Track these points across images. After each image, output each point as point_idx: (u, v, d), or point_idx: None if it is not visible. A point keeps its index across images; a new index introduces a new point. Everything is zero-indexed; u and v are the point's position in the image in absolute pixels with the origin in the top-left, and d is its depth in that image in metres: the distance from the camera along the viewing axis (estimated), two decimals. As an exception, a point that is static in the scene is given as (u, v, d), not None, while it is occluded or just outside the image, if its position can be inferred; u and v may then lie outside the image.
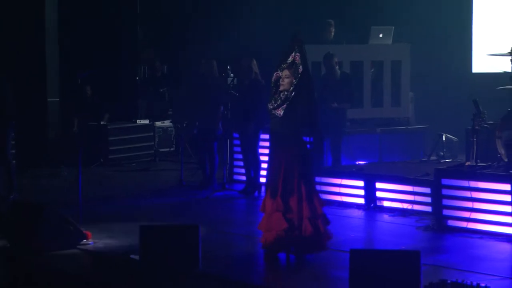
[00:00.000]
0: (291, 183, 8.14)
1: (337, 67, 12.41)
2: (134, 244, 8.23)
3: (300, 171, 8.18)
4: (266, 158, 8.96)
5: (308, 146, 8.31)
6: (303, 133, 8.34)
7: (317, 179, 11.75)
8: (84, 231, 9.07)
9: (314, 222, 8.21)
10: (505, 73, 10.73)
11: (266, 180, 8.45)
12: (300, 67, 8.18)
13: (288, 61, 8.23)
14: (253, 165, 12.27)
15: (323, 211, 8.34)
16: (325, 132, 12.18)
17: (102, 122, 16.05)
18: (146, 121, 16.66)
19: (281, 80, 8.20)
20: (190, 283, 7.52)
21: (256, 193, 12.15)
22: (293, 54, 8.23)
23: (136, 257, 7.86)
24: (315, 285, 7.37)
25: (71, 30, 16.68)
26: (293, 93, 8.16)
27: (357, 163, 12.69)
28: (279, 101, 8.21)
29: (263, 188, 10.52)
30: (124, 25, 17.52)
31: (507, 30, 14.69)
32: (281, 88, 8.20)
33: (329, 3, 15.77)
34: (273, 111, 8.24)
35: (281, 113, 8.19)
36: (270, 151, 8.51)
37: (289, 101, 8.16)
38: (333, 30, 13.90)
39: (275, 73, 8.28)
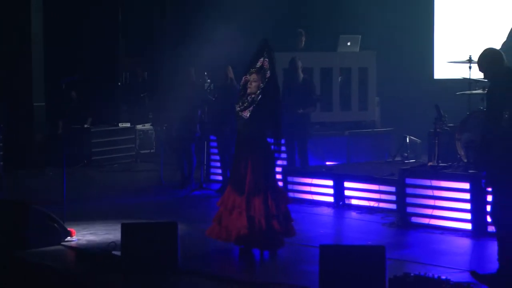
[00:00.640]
0: (257, 182, 8.11)
1: (300, 71, 12.37)
2: (116, 240, 8.19)
3: (265, 171, 8.17)
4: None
5: (272, 147, 8.31)
6: (268, 135, 8.32)
7: (290, 178, 11.86)
8: (68, 229, 9.03)
9: (278, 219, 8.18)
10: (464, 79, 10.78)
11: (231, 178, 8.43)
12: (268, 72, 8.16)
13: (257, 66, 8.21)
14: (229, 166, 12.24)
15: (287, 209, 8.32)
16: (292, 135, 12.25)
17: (85, 125, 16.01)
18: (128, 124, 16.62)
19: (249, 83, 8.19)
20: (169, 278, 7.50)
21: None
22: (262, 59, 8.22)
23: (118, 253, 7.81)
24: (287, 279, 7.36)
25: (56, 38, 16.60)
26: (260, 96, 8.14)
27: (326, 163, 12.71)
28: (246, 103, 8.19)
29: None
30: (106, 33, 17.48)
31: (466, 40, 14.76)
32: (249, 91, 8.18)
33: (300, 13, 15.79)
34: (240, 113, 8.22)
35: (248, 115, 8.17)
36: (236, 151, 8.48)
37: (256, 104, 8.14)
38: (304, 39, 13.91)
39: (244, 77, 8.27)
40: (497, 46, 14.06)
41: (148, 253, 7.58)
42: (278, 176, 12.13)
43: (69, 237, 8.96)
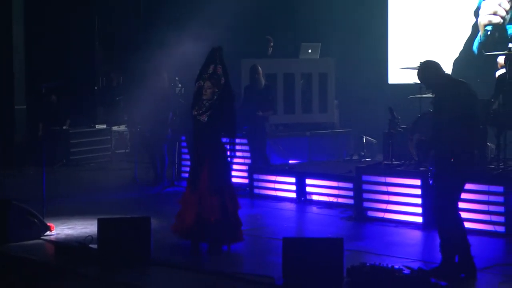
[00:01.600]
0: (212, 182, 8.07)
1: (262, 77, 12.39)
2: (92, 234, 8.12)
3: (220, 172, 8.14)
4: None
5: (226, 146, 8.28)
6: (223, 137, 8.29)
7: (255, 176, 11.85)
8: (48, 224, 8.95)
9: (232, 216, 8.15)
10: (415, 83, 10.83)
11: (189, 178, 8.40)
12: (222, 78, 8.11)
13: (208, 72, 8.17)
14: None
15: (237, 212, 8.26)
16: (253, 136, 12.27)
17: (64, 127, 15.89)
18: (104, 126, 16.53)
19: (204, 90, 8.13)
20: (142, 269, 7.45)
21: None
22: (213, 65, 8.17)
23: (95, 246, 7.76)
24: (253, 269, 7.35)
25: (36, 44, 16.45)
26: (216, 101, 8.11)
27: (289, 162, 12.73)
28: (204, 108, 8.13)
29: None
30: (84, 40, 17.37)
31: (417, 47, 14.88)
32: (205, 97, 8.13)
33: (264, 22, 15.79)
34: (197, 117, 8.17)
35: (206, 119, 8.13)
36: (193, 153, 8.45)
37: (213, 109, 8.11)
38: (271, 45, 13.93)
39: (197, 83, 8.21)
40: (444, 54, 14.32)
41: (123, 246, 7.53)
42: (244, 174, 12.18)
43: (48, 232, 8.88)
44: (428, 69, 7.09)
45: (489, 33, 13.91)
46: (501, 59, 13.55)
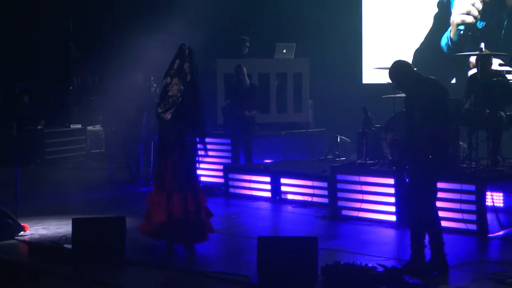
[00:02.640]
0: (177, 180, 8.05)
1: (246, 77, 12.43)
2: (67, 234, 8.06)
3: (185, 170, 8.11)
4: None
5: (198, 146, 8.24)
6: (189, 135, 8.23)
7: (230, 175, 11.85)
8: (22, 224, 8.87)
9: (198, 215, 8.13)
10: (389, 83, 10.85)
11: (154, 176, 8.35)
12: (189, 76, 8.06)
13: (174, 68, 8.12)
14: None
15: (206, 205, 8.26)
16: (238, 136, 12.30)
17: (39, 127, 15.77)
18: (79, 126, 16.45)
19: (170, 86, 8.10)
20: (116, 268, 7.42)
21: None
22: (178, 61, 8.10)
23: (69, 246, 7.71)
24: (228, 268, 7.34)
25: (10, 45, 16.30)
26: (180, 98, 8.05)
27: (264, 161, 12.73)
28: (167, 105, 8.09)
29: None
30: (59, 40, 17.25)
31: (390, 47, 14.97)
32: (170, 93, 8.07)
33: (239, 22, 15.78)
34: (161, 115, 8.12)
35: (169, 117, 8.06)
36: (158, 151, 8.40)
37: (176, 106, 8.06)
38: (247, 45, 13.93)
39: (165, 80, 8.17)
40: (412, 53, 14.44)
41: (98, 246, 7.50)
42: (219, 173, 12.17)
43: (22, 232, 8.80)
44: (399, 69, 7.13)
45: (462, 32, 14.04)
46: (473, 59, 13.67)
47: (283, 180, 11.17)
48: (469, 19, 13.93)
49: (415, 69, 7.33)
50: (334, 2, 15.80)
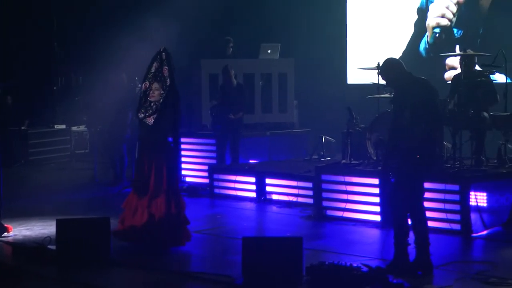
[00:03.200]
0: (160, 183, 8.04)
1: (233, 78, 12.46)
2: (51, 235, 8.02)
3: (168, 173, 8.10)
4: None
5: (172, 147, 8.24)
6: (169, 138, 8.22)
7: (215, 176, 11.83)
8: (5, 225, 8.82)
9: (178, 217, 8.13)
10: (373, 84, 10.94)
11: (134, 181, 8.33)
12: (168, 80, 8.05)
13: (152, 71, 8.10)
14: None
15: (184, 211, 8.24)
16: (225, 136, 12.31)
17: (22, 127, 15.68)
18: (63, 126, 16.38)
19: (151, 92, 8.07)
20: (101, 269, 7.39)
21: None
22: (156, 64, 8.08)
23: (53, 247, 7.67)
24: (212, 269, 7.34)
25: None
26: (163, 104, 8.05)
27: (249, 162, 12.73)
28: (150, 111, 8.08)
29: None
30: (42, 40, 17.18)
31: (375, 48, 15.01)
32: (152, 99, 8.06)
33: (224, 22, 15.78)
34: (144, 119, 8.12)
35: (152, 122, 8.07)
36: (139, 155, 8.39)
37: (159, 111, 8.06)
38: (232, 46, 13.93)
39: (144, 84, 8.17)
40: (399, 53, 14.50)
41: (82, 247, 7.46)
42: (204, 174, 12.15)
43: (6, 233, 8.74)
44: (393, 67, 7.12)
45: (437, 35, 14.18)
46: (449, 61, 13.81)
47: (268, 181, 11.18)
48: (444, 22, 14.09)
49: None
50: (319, 3, 15.82)
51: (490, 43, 12.69)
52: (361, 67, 11.75)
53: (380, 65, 7.18)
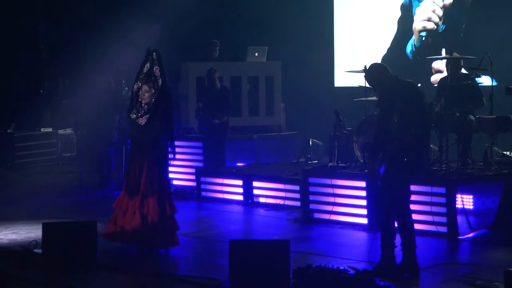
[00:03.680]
0: (152, 184, 8.04)
1: (217, 81, 12.45)
2: (37, 239, 7.98)
3: (159, 174, 8.10)
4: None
5: (169, 149, 8.24)
6: (162, 139, 8.22)
7: (203, 179, 11.82)
8: (-9, 229, 8.78)
9: (171, 219, 8.13)
10: (360, 87, 10.96)
11: (126, 181, 8.33)
12: (160, 80, 8.05)
13: (144, 72, 8.09)
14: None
15: (175, 212, 8.25)
16: (210, 139, 12.30)
17: (9, 130, 15.60)
18: (50, 129, 16.30)
19: (141, 94, 8.06)
20: (88, 273, 7.36)
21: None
22: (148, 64, 8.08)
23: (39, 251, 7.63)
24: (199, 272, 7.32)
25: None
26: (155, 104, 8.05)
27: (237, 165, 12.73)
28: (142, 111, 8.09)
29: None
30: (29, 43, 17.12)
31: (362, 51, 15.04)
32: (144, 101, 8.07)
33: (211, 25, 15.77)
34: (136, 120, 8.12)
35: (144, 122, 8.08)
36: (131, 156, 8.39)
37: (151, 112, 8.06)
38: (218, 48, 13.93)
39: (135, 84, 8.16)
40: (386, 55, 14.57)
41: (68, 251, 7.42)
42: (192, 177, 12.14)
43: (-9, 237, 8.71)
44: (378, 72, 7.13)
45: (423, 38, 14.27)
46: (436, 64, 13.87)
47: (255, 183, 11.17)
48: (430, 25, 14.18)
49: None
50: (306, 6, 15.85)
51: (473, 38, 12.76)
52: (348, 70, 11.77)
53: (366, 71, 7.19)
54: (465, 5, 13.80)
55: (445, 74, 10.59)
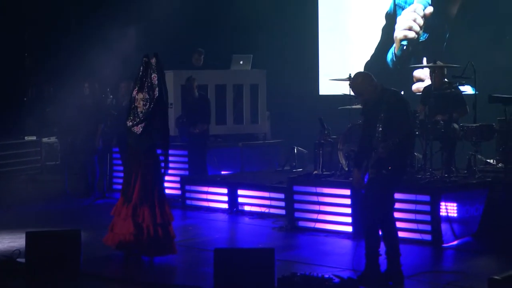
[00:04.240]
0: (146, 192, 8.04)
1: (195, 89, 12.44)
2: (20, 248, 7.93)
3: (154, 182, 8.10)
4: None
5: (161, 158, 8.24)
6: (157, 146, 8.22)
7: (188, 187, 11.80)
8: (-26, 238, 8.71)
9: (165, 227, 8.13)
10: (345, 95, 11.00)
11: (122, 188, 8.32)
12: (157, 89, 8.02)
13: (141, 79, 8.04)
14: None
15: (173, 219, 8.26)
16: (192, 148, 12.29)
17: (-8, 139, 15.52)
18: (34, 138, 16.22)
19: (136, 102, 8.05)
20: (71, 282, 7.32)
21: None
22: (145, 71, 8.05)
23: (22, 260, 7.58)
24: (184, 280, 7.31)
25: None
26: (151, 113, 8.04)
27: (222, 173, 12.72)
28: (138, 119, 8.07)
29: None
30: (12, 50, 17.04)
31: (347, 59, 15.10)
32: (139, 108, 8.05)
33: (196, 33, 15.77)
34: (131, 128, 8.11)
35: (140, 130, 8.07)
36: (127, 164, 8.38)
37: (147, 120, 8.05)
38: (203, 57, 13.93)
39: (133, 90, 8.15)
40: (370, 63, 14.64)
41: (52, 260, 7.37)
42: (177, 185, 12.12)
43: (-26, 246, 8.64)
44: (363, 80, 7.14)
45: (404, 47, 14.36)
46: (417, 73, 13.97)
47: (240, 192, 11.17)
48: (411, 35, 14.28)
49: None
50: (291, 14, 15.89)
51: (456, 53, 12.84)
52: (333, 78, 11.82)
53: (350, 80, 7.21)
54: (449, 15, 13.88)
55: (426, 83, 10.67)
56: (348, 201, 9.42)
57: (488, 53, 12.41)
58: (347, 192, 9.41)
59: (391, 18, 14.63)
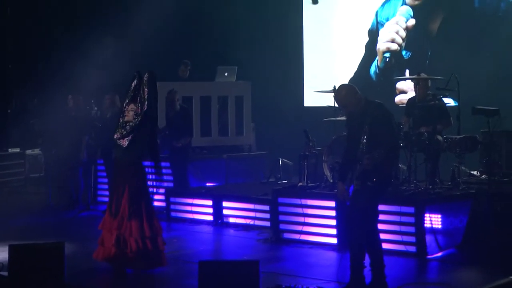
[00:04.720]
0: (134, 205, 8.02)
1: (176, 102, 12.42)
2: (3, 262, 7.88)
3: (141, 196, 8.08)
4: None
5: (152, 170, 8.22)
6: (146, 159, 8.21)
7: (172, 199, 11.78)
8: (-43, 251, 8.64)
9: (154, 240, 8.11)
10: (330, 107, 11.03)
11: (109, 202, 8.29)
12: (146, 102, 8.01)
13: (132, 92, 8.05)
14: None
15: (162, 231, 8.25)
16: (174, 160, 12.27)
17: (-25, 151, 15.44)
18: (17, 150, 16.15)
19: (126, 112, 8.05)
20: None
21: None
22: (136, 85, 8.04)
23: (5, 273, 7.53)
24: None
25: None
26: (138, 126, 8.01)
27: (206, 185, 12.70)
28: (124, 132, 8.06)
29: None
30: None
31: (331, 72, 15.16)
32: (127, 118, 8.05)
33: (181, 44, 15.79)
34: (117, 141, 8.10)
35: (126, 144, 8.05)
36: (114, 177, 8.36)
37: (134, 133, 8.03)
38: (189, 68, 13.94)
39: (125, 103, 8.15)
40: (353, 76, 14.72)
41: (36, 273, 7.32)
42: (161, 197, 12.09)
43: (-43, 259, 8.56)
44: (348, 93, 7.16)
45: (387, 59, 14.46)
46: (400, 85, 14.06)
47: (225, 204, 11.16)
48: (394, 47, 14.39)
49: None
50: (276, 26, 15.94)
51: (438, 66, 12.94)
52: (318, 90, 11.86)
53: (335, 92, 7.24)
54: (431, 32, 14.00)
55: (409, 94, 10.73)
56: (333, 213, 9.43)
57: (467, 68, 12.48)
58: (332, 204, 9.43)
59: (373, 34, 14.75)
